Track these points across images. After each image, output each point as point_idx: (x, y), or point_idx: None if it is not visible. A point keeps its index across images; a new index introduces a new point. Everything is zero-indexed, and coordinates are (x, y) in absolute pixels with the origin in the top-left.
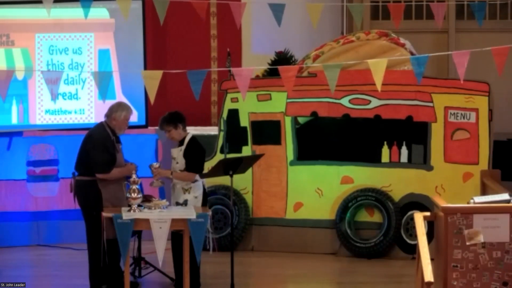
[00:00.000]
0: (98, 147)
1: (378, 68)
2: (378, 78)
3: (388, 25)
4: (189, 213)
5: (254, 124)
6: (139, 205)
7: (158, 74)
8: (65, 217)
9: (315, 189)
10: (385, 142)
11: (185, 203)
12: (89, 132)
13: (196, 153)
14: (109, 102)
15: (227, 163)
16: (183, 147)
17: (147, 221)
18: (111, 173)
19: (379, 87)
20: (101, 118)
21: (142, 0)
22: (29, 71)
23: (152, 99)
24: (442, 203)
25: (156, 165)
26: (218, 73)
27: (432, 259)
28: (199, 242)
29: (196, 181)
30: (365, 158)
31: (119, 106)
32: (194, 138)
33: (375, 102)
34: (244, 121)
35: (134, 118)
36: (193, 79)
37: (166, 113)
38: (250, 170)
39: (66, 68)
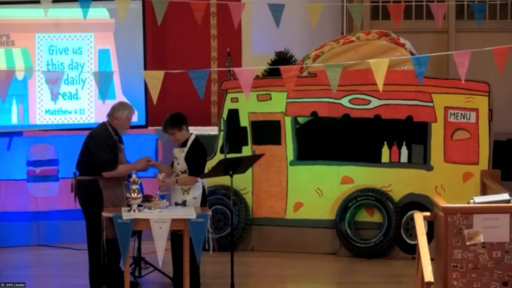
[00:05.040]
0: (100, 146)
1: (379, 68)
2: (380, 78)
3: (388, 25)
4: (189, 213)
5: (254, 124)
6: (139, 205)
7: (160, 74)
8: (65, 217)
9: (315, 189)
10: (385, 142)
11: (183, 203)
12: (91, 131)
13: (199, 155)
14: (109, 102)
15: (227, 163)
16: (186, 149)
17: (147, 221)
18: (117, 169)
19: (380, 87)
20: (101, 118)
21: (142, 0)
22: (29, 71)
23: (154, 99)
24: (442, 203)
25: (161, 176)
26: (218, 73)
27: (432, 259)
28: (199, 242)
29: (196, 181)
30: (365, 158)
31: (121, 105)
32: (197, 139)
33: (375, 102)
34: (244, 121)
35: (134, 118)
36: (196, 77)
37: (168, 116)
38: (250, 170)
39: (66, 68)
